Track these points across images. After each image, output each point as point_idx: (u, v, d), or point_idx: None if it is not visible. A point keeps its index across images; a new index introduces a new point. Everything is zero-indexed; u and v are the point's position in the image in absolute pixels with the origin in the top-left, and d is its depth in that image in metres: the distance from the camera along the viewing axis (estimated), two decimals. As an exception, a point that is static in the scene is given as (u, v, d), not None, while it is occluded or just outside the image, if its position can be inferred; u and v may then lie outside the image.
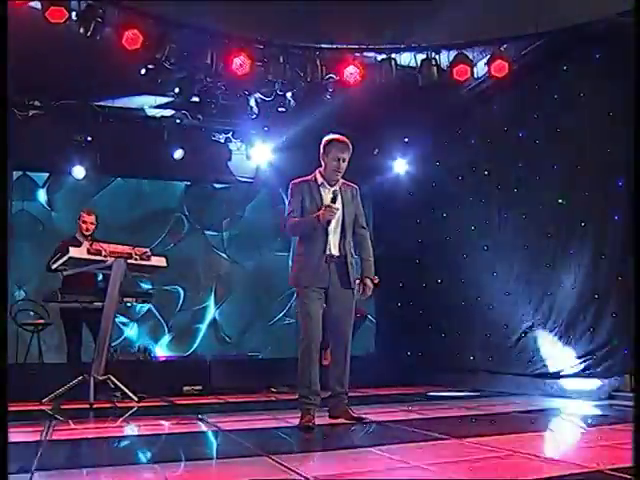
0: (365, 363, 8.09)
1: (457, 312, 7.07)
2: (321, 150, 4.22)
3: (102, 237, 6.02)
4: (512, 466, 2.75)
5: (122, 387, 5.58)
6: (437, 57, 5.75)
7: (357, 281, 4.26)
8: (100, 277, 6.12)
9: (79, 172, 7.60)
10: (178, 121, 7.36)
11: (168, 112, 7.43)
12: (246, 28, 5.44)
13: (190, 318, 8.87)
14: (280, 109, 6.76)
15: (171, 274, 8.52)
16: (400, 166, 8.09)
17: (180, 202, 8.92)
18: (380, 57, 5.77)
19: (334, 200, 4.02)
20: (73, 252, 5.42)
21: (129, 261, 5.63)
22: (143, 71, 5.92)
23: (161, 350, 8.56)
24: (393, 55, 5.73)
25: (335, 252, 4.11)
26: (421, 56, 5.77)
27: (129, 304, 6.03)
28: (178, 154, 7.53)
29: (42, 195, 8.22)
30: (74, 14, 4.74)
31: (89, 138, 7.01)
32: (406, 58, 5.85)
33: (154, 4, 5.13)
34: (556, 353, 5.78)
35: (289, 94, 6.54)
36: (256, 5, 5.16)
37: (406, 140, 7.93)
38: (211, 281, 9.00)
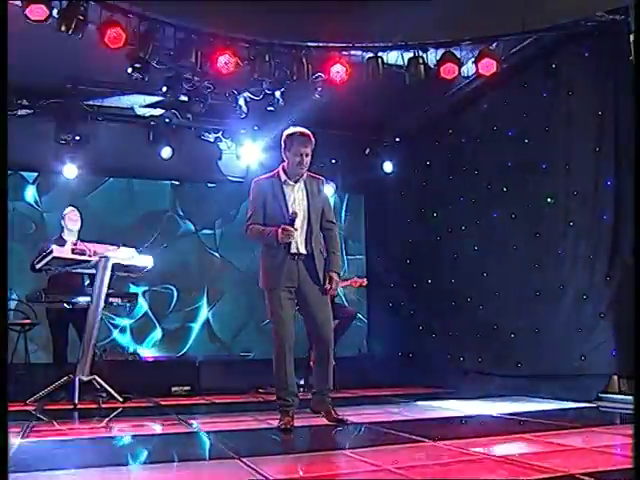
0: (357, 363, 8.08)
1: (447, 312, 7.03)
2: (282, 145, 4.08)
3: (94, 237, 5.96)
4: (479, 470, 2.69)
5: (107, 388, 5.55)
6: (424, 55, 5.70)
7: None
8: (86, 277, 6.08)
9: (68, 172, 7.56)
10: (167, 120, 7.32)
11: (158, 111, 7.39)
12: (230, 27, 5.39)
13: (183, 318, 8.82)
14: (269, 108, 6.72)
15: (164, 274, 8.51)
16: (391, 166, 8.04)
17: (172, 202, 8.86)
18: (367, 55, 5.72)
19: (292, 223, 3.91)
20: (57, 252, 5.38)
21: (114, 260, 5.60)
22: (130, 70, 5.88)
23: (153, 351, 8.52)
24: (380, 53, 5.68)
25: (302, 250, 3.99)
26: (408, 54, 5.71)
27: (115, 304, 5.97)
28: (166, 153, 7.49)
29: (33, 195, 8.20)
30: (55, 12, 4.69)
31: (77, 137, 6.96)
32: (393, 57, 5.79)
33: (137, 3, 5.09)
34: (544, 354, 5.72)
35: (278, 93, 6.50)
36: (240, 5, 5.14)
37: (397, 140, 7.89)
38: (204, 281, 8.95)
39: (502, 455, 2.96)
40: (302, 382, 6.18)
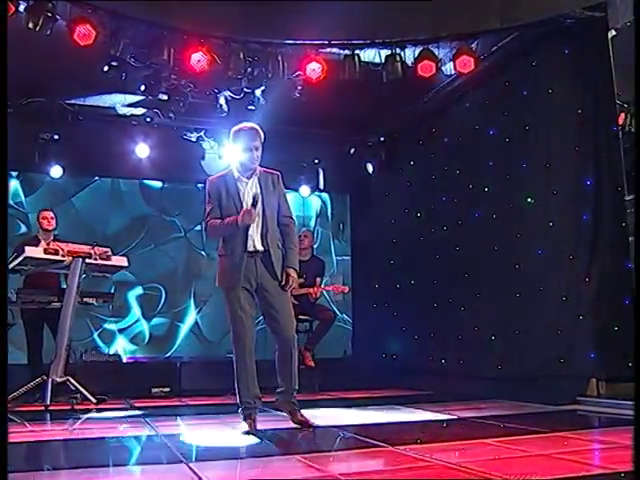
0: (343, 365, 8.01)
1: (430, 314, 6.94)
2: (231, 143, 4.02)
3: (82, 239, 5.91)
4: (426, 476, 2.61)
5: (80, 389, 5.48)
6: (402, 53, 5.62)
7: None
8: (62, 277, 6.04)
9: (53, 172, 7.54)
10: (149, 120, 7.25)
11: (139, 110, 7.34)
12: (203, 24, 5.33)
13: (170, 319, 8.77)
14: (250, 107, 6.66)
15: (152, 275, 8.50)
16: (375, 166, 7.97)
17: (157, 202, 8.81)
18: (344, 53, 5.64)
19: (254, 204, 3.83)
20: (29, 252, 5.33)
21: (88, 260, 5.55)
22: (106, 68, 5.83)
23: (139, 352, 8.47)
24: (357, 51, 5.61)
25: (259, 247, 3.91)
26: (385, 52, 5.64)
27: (91, 304, 5.92)
28: (143, 151, 7.45)
29: (18, 195, 8.16)
30: (22, 8, 4.63)
31: (55, 136, 6.92)
32: (371, 54, 5.72)
33: (108, 2, 5.03)
34: (524, 356, 5.63)
35: (258, 92, 6.44)
36: (213, 4, 5.09)
37: (382, 139, 7.82)
38: (191, 281, 8.91)
39: (456, 462, 2.86)
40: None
